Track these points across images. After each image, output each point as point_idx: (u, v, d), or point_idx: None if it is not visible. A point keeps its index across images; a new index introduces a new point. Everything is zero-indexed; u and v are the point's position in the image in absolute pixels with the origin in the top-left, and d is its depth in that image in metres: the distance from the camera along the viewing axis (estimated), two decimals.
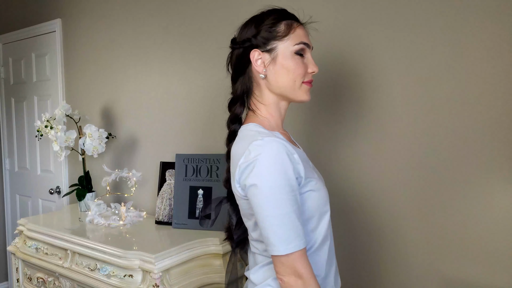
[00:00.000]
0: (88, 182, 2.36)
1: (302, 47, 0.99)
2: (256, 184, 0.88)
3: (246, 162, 0.90)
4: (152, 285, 1.48)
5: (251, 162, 0.89)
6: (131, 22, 2.29)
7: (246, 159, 0.90)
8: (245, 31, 1.02)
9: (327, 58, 1.57)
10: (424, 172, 1.39)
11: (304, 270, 0.87)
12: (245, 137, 0.97)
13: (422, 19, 1.37)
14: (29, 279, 2.01)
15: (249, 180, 0.90)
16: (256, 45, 0.99)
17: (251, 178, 0.89)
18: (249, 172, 0.90)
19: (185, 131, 2.08)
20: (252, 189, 0.89)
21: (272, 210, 0.87)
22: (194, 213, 1.83)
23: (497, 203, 1.27)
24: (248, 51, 1.00)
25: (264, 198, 0.87)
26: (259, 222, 0.90)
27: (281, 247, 0.86)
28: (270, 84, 1.01)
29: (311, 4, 1.60)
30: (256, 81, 1.02)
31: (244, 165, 0.91)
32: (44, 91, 2.89)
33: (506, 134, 1.24)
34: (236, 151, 0.97)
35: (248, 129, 0.99)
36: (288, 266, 0.87)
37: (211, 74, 1.95)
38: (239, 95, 1.04)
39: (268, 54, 0.99)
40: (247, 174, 0.90)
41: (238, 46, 1.02)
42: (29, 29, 2.92)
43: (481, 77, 1.28)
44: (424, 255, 1.41)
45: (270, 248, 0.88)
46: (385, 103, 1.46)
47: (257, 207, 0.89)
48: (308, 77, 1.01)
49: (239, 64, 1.03)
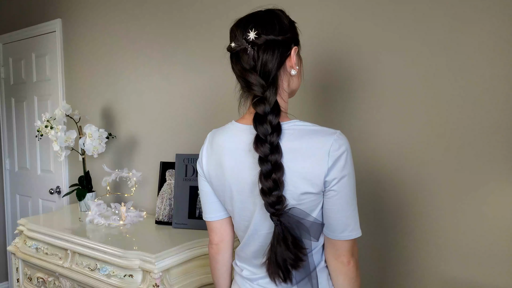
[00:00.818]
0: (88, 182, 2.36)
1: None
2: (349, 173, 0.93)
3: (338, 154, 0.91)
4: (152, 285, 1.48)
5: (342, 153, 0.92)
6: (131, 22, 2.29)
7: (338, 151, 0.91)
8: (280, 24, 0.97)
9: (325, 59, 1.57)
10: (423, 172, 1.39)
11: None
12: (313, 132, 0.94)
13: (421, 19, 1.37)
14: (29, 279, 2.01)
15: (343, 171, 0.92)
16: (296, 41, 1.01)
17: (345, 168, 0.92)
18: (343, 163, 0.92)
19: (185, 131, 2.08)
20: (346, 179, 0.93)
21: (355, 197, 0.96)
22: (194, 213, 1.83)
23: (497, 203, 1.27)
24: (290, 45, 0.97)
25: (353, 187, 0.95)
26: (343, 212, 0.94)
27: (360, 229, 0.97)
28: (293, 82, 1.02)
29: (310, 4, 1.60)
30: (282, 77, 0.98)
31: (335, 157, 0.91)
32: (44, 91, 2.89)
33: (506, 134, 1.24)
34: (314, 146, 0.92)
35: (302, 124, 0.96)
36: (356, 247, 0.99)
37: (211, 74, 1.95)
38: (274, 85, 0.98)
39: (299, 55, 1.02)
40: (341, 166, 0.92)
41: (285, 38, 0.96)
42: (29, 29, 2.92)
43: (481, 77, 1.28)
44: (424, 255, 1.41)
45: (352, 232, 0.96)
46: (384, 103, 1.46)
47: (346, 196, 0.94)
48: None
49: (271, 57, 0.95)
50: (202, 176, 1.09)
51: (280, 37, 0.95)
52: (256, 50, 0.94)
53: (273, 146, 0.91)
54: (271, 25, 0.95)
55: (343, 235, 0.95)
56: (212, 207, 1.11)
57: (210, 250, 1.17)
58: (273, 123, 0.92)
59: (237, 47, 0.95)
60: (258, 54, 0.94)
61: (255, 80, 0.94)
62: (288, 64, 0.98)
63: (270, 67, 0.94)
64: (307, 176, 0.91)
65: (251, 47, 0.94)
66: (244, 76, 0.96)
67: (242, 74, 0.96)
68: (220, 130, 1.07)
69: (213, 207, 1.11)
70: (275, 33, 0.94)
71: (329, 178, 0.91)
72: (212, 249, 1.16)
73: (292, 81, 1.01)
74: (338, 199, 0.93)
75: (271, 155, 0.90)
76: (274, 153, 0.91)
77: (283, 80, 0.98)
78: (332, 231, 0.96)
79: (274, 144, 0.91)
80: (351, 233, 0.96)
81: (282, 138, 0.93)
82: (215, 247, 1.15)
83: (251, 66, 0.95)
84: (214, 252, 1.16)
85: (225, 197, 1.04)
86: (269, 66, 0.94)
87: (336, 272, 0.99)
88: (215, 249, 1.15)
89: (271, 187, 0.90)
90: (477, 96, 1.29)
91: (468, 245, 1.32)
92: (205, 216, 1.13)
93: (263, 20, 0.96)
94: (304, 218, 0.92)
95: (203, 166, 1.07)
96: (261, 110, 0.93)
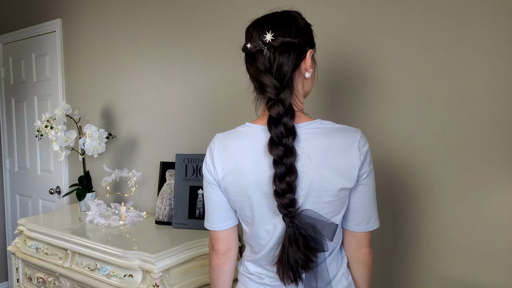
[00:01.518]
0: (88, 182, 2.36)
1: None
2: (372, 168, 0.99)
3: (365, 149, 0.96)
4: (152, 285, 1.48)
5: (368, 148, 0.97)
6: (131, 22, 2.29)
7: (365, 147, 0.96)
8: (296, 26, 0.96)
9: (329, 59, 1.57)
10: (423, 172, 1.39)
11: None
12: (339, 130, 0.96)
13: (422, 20, 1.37)
14: (29, 279, 2.01)
15: (370, 165, 0.98)
16: (312, 44, 1.01)
17: (371, 163, 0.98)
18: (370, 157, 0.97)
19: (185, 131, 2.08)
20: (372, 173, 0.99)
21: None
22: (194, 213, 1.83)
23: (497, 203, 1.27)
24: (305, 48, 0.97)
25: (374, 181, 1.01)
26: (369, 204, 1.00)
27: (378, 221, 1.04)
28: (307, 84, 1.02)
29: (315, 5, 1.60)
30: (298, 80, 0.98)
31: (364, 153, 0.96)
32: (44, 91, 2.89)
33: (506, 134, 1.24)
34: (345, 142, 0.93)
35: (327, 123, 0.98)
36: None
37: (211, 74, 1.95)
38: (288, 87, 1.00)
39: (314, 58, 1.02)
40: (369, 160, 0.97)
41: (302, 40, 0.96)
42: (29, 29, 2.92)
43: (481, 77, 1.28)
44: (424, 255, 1.41)
45: (375, 223, 1.02)
46: (385, 103, 1.46)
47: (372, 189, 1.00)
48: None
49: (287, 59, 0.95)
50: (213, 184, 1.03)
51: (297, 39, 0.94)
52: (272, 52, 0.93)
53: (287, 148, 0.91)
54: (288, 27, 0.95)
55: (367, 227, 1.01)
56: (222, 216, 1.05)
57: (215, 261, 1.09)
58: (288, 126, 0.92)
59: (253, 48, 0.95)
60: (274, 56, 0.93)
61: (269, 82, 0.93)
62: (303, 66, 0.97)
63: (285, 69, 0.94)
64: (343, 171, 0.93)
65: (267, 49, 0.93)
66: (259, 77, 0.95)
67: (256, 75, 0.96)
68: (232, 134, 1.01)
69: (223, 216, 1.05)
70: (292, 36, 0.94)
71: (361, 173, 0.95)
72: (218, 260, 1.09)
73: (306, 84, 1.01)
74: (366, 192, 0.99)
75: (286, 158, 0.90)
76: (288, 156, 0.90)
77: (297, 82, 0.98)
78: (357, 224, 1.01)
79: (289, 147, 0.91)
80: (374, 223, 1.02)
81: (312, 137, 0.93)
82: (222, 257, 1.08)
83: (266, 68, 0.94)
84: (221, 263, 1.09)
85: (243, 203, 0.99)
86: (285, 68, 0.93)
87: (358, 263, 1.05)
88: (221, 259, 1.09)
89: (285, 190, 0.90)
90: (477, 96, 1.29)
91: (468, 245, 1.32)
92: (212, 225, 1.06)
93: (280, 21, 0.95)
94: (317, 218, 0.92)
95: (217, 173, 1.00)
96: (275, 112, 0.92)
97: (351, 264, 1.06)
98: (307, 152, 0.92)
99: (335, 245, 1.03)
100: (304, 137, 0.93)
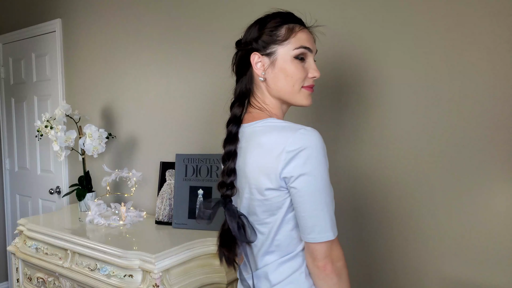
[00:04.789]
0: (88, 182, 2.36)
1: (302, 51, 0.99)
2: (309, 172, 0.89)
3: (295, 151, 0.90)
4: (152, 285, 1.48)
5: (300, 150, 0.89)
6: (131, 22, 2.29)
7: (295, 148, 0.90)
8: (248, 33, 1.03)
9: (330, 60, 1.57)
10: (424, 172, 1.39)
11: (342, 252, 0.95)
12: (279, 128, 0.95)
13: (423, 20, 1.37)
14: (29, 279, 2.01)
15: (303, 168, 0.90)
16: (256, 48, 1.00)
17: (305, 166, 0.89)
18: (302, 160, 0.89)
19: (185, 131, 2.08)
20: (305, 178, 0.90)
21: (324, 197, 0.91)
22: (194, 213, 1.83)
23: (497, 203, 1.27)
24: (250, 54, 1.01)
25: (318, 186, 0.90)
26: (307, 211, 0.91)
27: (331, 232, 0.92)
28: (269, 87, 1.01)
29: (316, 6, 1.60)
30: (257, 83, 1.03)
31: (291, 154, 0.90)
32: (44, 91, 2.89)
33: (506, 134, 1.24)
34: (274, 141, 0.93)
35: (274, 121, 0.98)
36: (337, 250, 0.94)
37: (211, 74, 1.95)
38: (237, 96, 1.05)
39: (267, 58, 1.00)
40: (300, 163, 0.90)
41: (241, 48, 1.03)
42: (29, 29, 2.92)
43: (481, 77, 1.28)
44: (424, 255, 1.41)
45: (321, 234, 0.91)
46: (386, 104, 1.46)
47: (309, 195, 0.91)
48: (308, 82, 1.01)
49: (241, 66, 1.05)
50: None
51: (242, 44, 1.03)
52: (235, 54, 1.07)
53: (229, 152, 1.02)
54: (248, 31, 1.04)
55: (310, 237, 0.92)
56: None
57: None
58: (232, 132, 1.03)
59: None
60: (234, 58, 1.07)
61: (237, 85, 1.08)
62: (255, 71, 1.02)
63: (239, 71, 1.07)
64: (267, 171, 0.93)
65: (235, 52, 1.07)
66: None
67: None
68: None
69: None
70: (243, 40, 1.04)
71: (286, 175, 0.91)
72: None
73: (268, 86, 1.02)
74: (300, 197, 0.92)
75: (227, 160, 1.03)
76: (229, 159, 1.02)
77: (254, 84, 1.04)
78: (301, 232, 0.95)
79: (230, 151, 1.02)
80: (318, 235, 0.91)
81: (253, 136, 0.99)
82: None
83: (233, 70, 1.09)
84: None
85: None
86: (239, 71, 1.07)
87: (314, 277, 0.97)
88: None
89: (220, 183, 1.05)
90: (476, 95, 1.29)
91: (468, 245, 1.32)
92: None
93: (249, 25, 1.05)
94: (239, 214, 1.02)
95: None
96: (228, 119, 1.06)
97: (311, 277, 0.98)
98: (244, 152, 1.00)
99: (288, 250, 0.99)
100: (246, 136, 1.01)
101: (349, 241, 1.55)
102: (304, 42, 0.99)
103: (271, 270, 1.01)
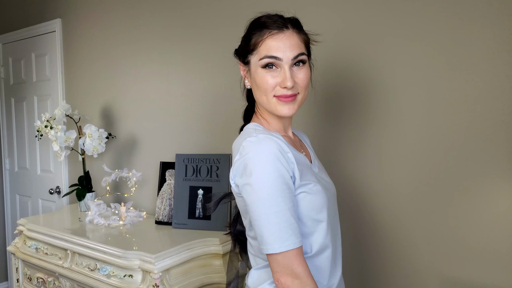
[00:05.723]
0: (88, 182, 2.36)
1: (267, 61, 0.91)
2: (250, 181, 0.86)
3: (240, 159, 0.89)
4: (152, 285, 1.48)
5: (244, 159, 0.88)
6: (131, 22, 2.29)
7: (240, 156, 0.89)
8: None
9: (331, 65, 1.57)
10: (424, 172, 1.39)
11: (301, 269, 0.84)
12: (242, 134, 0.98)
13: (423, 22, 1.37)
14: (29, 279, 2.01)
15: (243, 178, 0.88)
16: (240, 58, 1.01)
17: (245, 175, 0.87)
18: (243, 169, 0.88)
19: (185, 131, 2.08)
20: (247, 187, 0.87)
21: (267, 208, 0.84)
22: (194, 213, 1.83)
23: (497, 203, 1.27)
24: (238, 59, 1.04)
25: (259, 196, 0.85)
26: (253, 221, 0.87)
27: (276, 245, 0.84)
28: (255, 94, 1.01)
29: (315, 12, 1.60)
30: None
31: (237, 162, 0.90)
32: (44, 91, 2.89)
33: (506, 134, 1.24)
34: (233, 147, 0.98)
35: (247, 127, 1.00)
36: (285, 265, 0.84)
37: (211, 74, 1.95)
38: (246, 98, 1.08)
39: (246, 67, 0.99)
40: (241, 171, 0.89)
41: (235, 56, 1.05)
42: (29, 29, 2.92)
43: (481, 77, 1.28)
44: (424, 255, 1.41)
45: (265, 246, 0.85)
46: (386, 106, 1.46)
47: (251, 205, 0.87)
48: (280, 92, 0.92)
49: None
50: None
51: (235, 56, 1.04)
52: None
53: None
54: None
55: (262, 248, 0.87)
56: None
57: None
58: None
59: None
60: None
61: None
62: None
63: None
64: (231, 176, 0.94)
65: None
66: None
67: None
68: None
69: None
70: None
71: (237, 182, 0.91)
72: None
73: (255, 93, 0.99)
74: (246, 206, 0.90)
75: None
76: None
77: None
78: None
79: None
80: (263, 246, 0.86)
81: None
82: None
83: None
84: None
85: None
86: None
87: None
88: None
89: None
90: (477, 96, 1.28)
91: (468, 245, 1.32)
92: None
93: None
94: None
95: None
96: None
97: None
98: None
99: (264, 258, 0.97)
100: None
101: (349, 241, 1.55)
102: (271, 51, 0.91)
103: (250, 275, 1.02)
